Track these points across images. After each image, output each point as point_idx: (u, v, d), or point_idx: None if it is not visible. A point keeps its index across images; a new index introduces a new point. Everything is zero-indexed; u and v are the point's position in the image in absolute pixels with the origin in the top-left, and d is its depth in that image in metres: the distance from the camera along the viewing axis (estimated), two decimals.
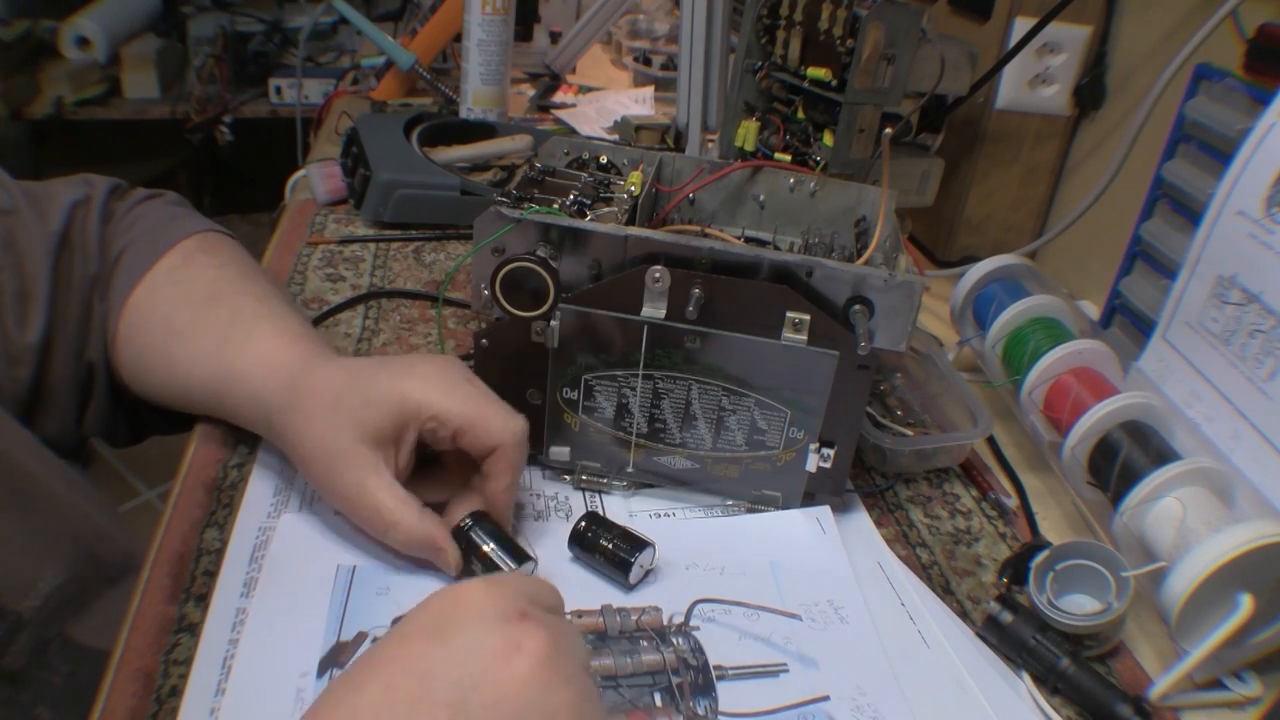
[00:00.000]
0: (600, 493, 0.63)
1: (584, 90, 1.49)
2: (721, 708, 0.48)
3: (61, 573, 0.57)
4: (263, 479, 0.60)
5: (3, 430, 0.58)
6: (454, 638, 0.37)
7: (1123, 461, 0.60)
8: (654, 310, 0.55)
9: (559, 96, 1.45)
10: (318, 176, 1.04)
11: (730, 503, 0.62)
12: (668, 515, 0.61)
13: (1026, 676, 0.53)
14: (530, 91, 1.46)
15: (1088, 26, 0.91)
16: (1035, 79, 0.93)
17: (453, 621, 0.38)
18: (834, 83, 0.76)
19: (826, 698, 0.49)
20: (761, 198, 0.70)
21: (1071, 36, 0.91)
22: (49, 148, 2.26)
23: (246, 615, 0.50)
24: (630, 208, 0.61)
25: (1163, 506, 0.55)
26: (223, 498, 0.59)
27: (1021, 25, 0.88)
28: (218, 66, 2.23)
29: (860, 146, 0.77)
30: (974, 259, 0.82)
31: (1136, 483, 0.57)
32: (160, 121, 2.21)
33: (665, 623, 0.52)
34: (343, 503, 0.54)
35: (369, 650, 0.38)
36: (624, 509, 0.61)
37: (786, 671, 0.51)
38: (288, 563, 0.53)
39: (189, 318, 0.62)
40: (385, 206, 0.96)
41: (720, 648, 0.51)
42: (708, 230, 0.69)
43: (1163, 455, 0.59)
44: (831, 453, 0.59)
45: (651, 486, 0.63)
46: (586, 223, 0.57)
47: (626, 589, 0.54)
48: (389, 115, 1.16)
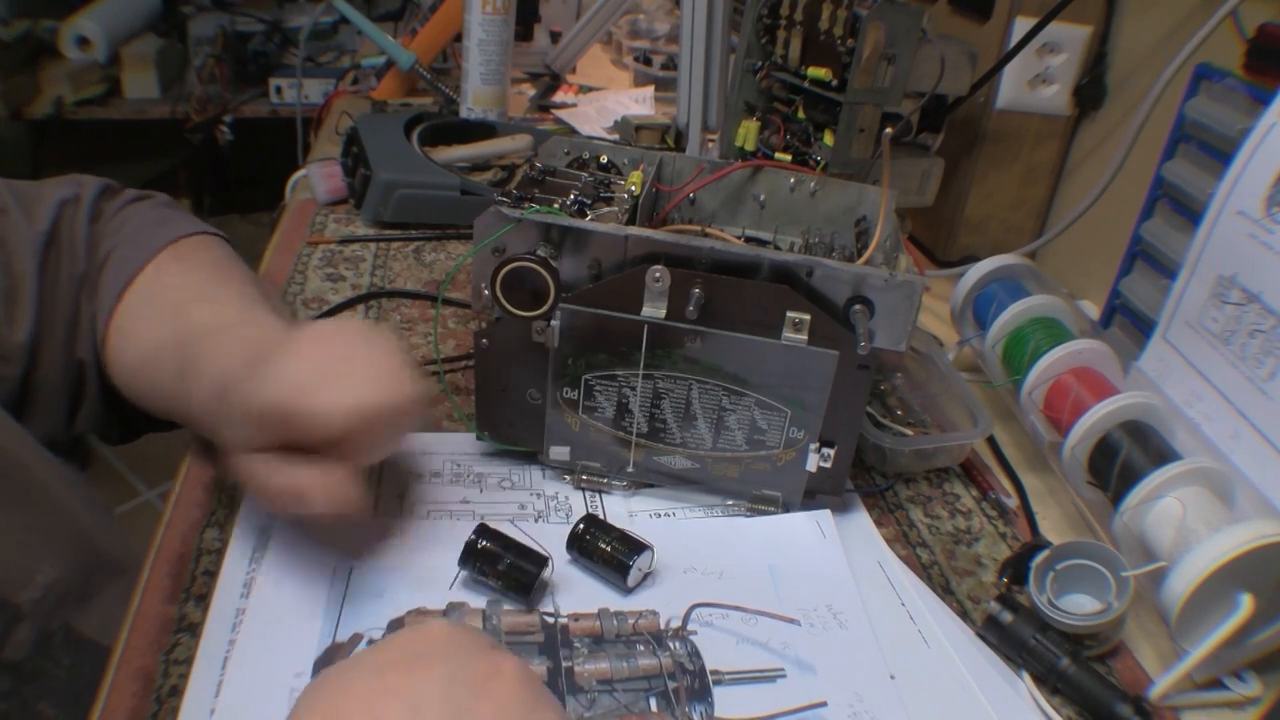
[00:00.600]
0: (600, 492, 0.63)
1: (584, 90, 1.49)
2: (718, 713, 0.48)
3: (59, 566, 0.57)
4: None
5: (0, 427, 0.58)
6: (434, 666, 0.37)
7: (1123, 461, 0.60)
8: (654, 310, 0.55)
9: (559, 96, 1.45)
10: (318, 176, 1.04)
11: (730, 502, 0.62)
12: (668, 515, 0.61)
13: (1026, 676, 0.53)
14: (530, 91, 1.46)
15: (1088, 26, 0.91)
16: (1035, 79, 0.93)
17: (428, 653, 0.38)
18: (834, 83, 0.76)
19: (824, 703, 0.49)
20: (762, 197, 0.70)
21: (1071, 36, 0.91)
22: (49, 148, 2.26)
23: (245, 617, 0.50)
24: (630, 208, 0.61)
25: (1163, 506, 0.55)
26: (223, 498, 0.59)
27: (1021, 25, 0.88)
28: (218, 66, 2.23)
29: (860, 146, 0.77)
30: (974, 259, 0.82)
31: (1136, 482, 0.57)
32: (160, 121, 2.21)
33: (662, 626, 0.52)
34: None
35: (335, 679, 0.37)
36: (624, 509, 0.61)
37: (784, 677, 0.50)
38: (286, 563, 0.53)
39: (156, 339, 0.62)
40: (385, 206, 0.96)
41: (717, 652, 0.51)
42: (708, 230, 0.69)
43: (1163, 455, 0.59)
44: (831, 452, 0.59)
45: (651, 486, 0.63)
46: (586, 223, 0.57)
47: (624, 592, 0.54)
48: (389, 115, 1.16)
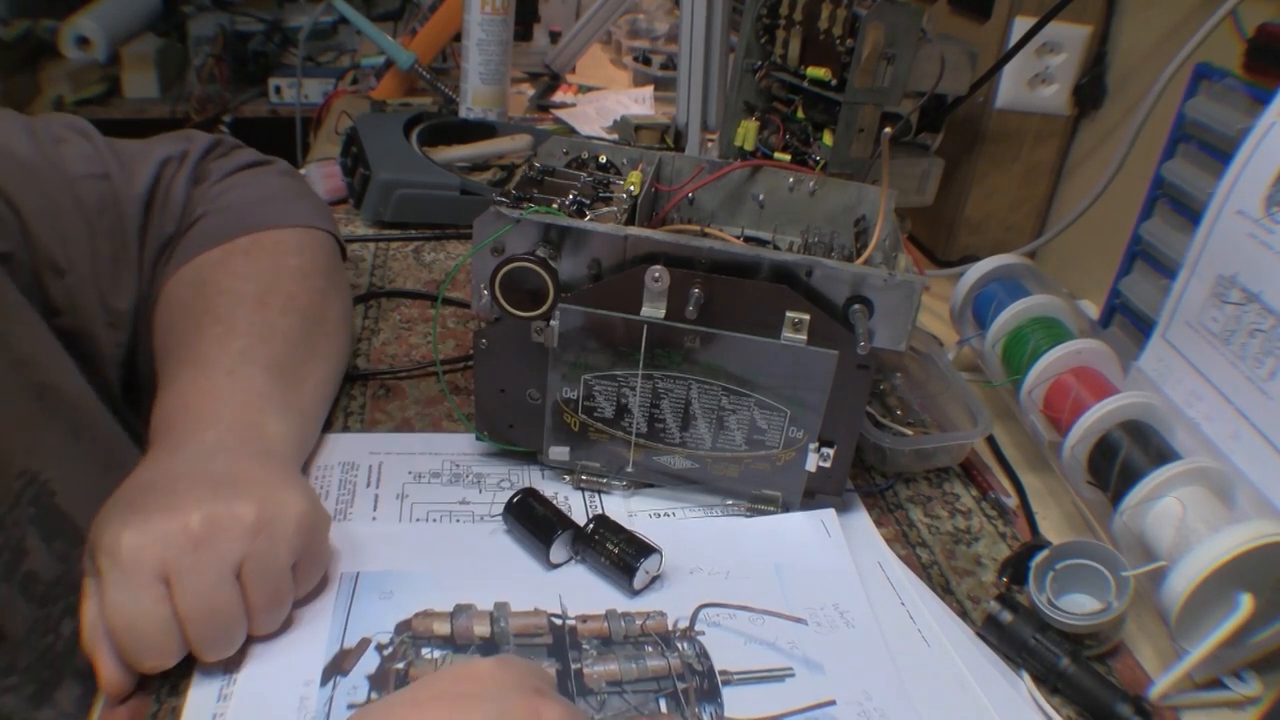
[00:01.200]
0: (600, 492, 0.63)
1: (584, 90, 1.49)
2: (727, 713, 0.48)
3: None
4: None
5: (95, 404, 0.61)
6: (476, 706, 0.37)
7: (1123, 461, 0.60)
8: (654, 310, 0.55)
9: (559, 96, 1.45)
10: (317, 176, 1.04)
11: (730, 502, 0.62)
12: (668, 515, 0.61)
13: (1026, 676, 0.53)
14: (530, 91, 1.46)
15: (1088, 26, 0.91)
16: (1035, 78, 0.93)
17: (472, 691, 0.38)
18: (834, 82, 0.76)
19: (833, 702, 0.49)
20: (761, 197, 0.70)
21: (1071, 36, 0.91)
22: None
23: None
24: (630, 207, 0.61)
25: (1163, 506, 0.55)
26: None
27: (1021, 25, 0.88)
28: (218, 66, 2.23)
29: (860, 146, 0.77)
30: (974, 258, 0.82)
31: (1136, 482, 0.57)
32: (160, 121, 2.21)
33: (670, 628, 0.52)
34: None
35: (381, 710, 0.38)
36: (624, 509, 0.61)
37: (792, 676, 0.50)
38: None
39: (168, 332, 0.62)
40: (385, 206, 0.96)
41: (725, 652, 0.51)
42: (707, 230, 0.69)
43: (1163, 455, 0.59)
44: (831, 452, 0.59)
45: (651, 486, 0.63)
46: (586, 222, 0.57)
47: (630, 593, 0.54)
48: (389, 115, 1.16)
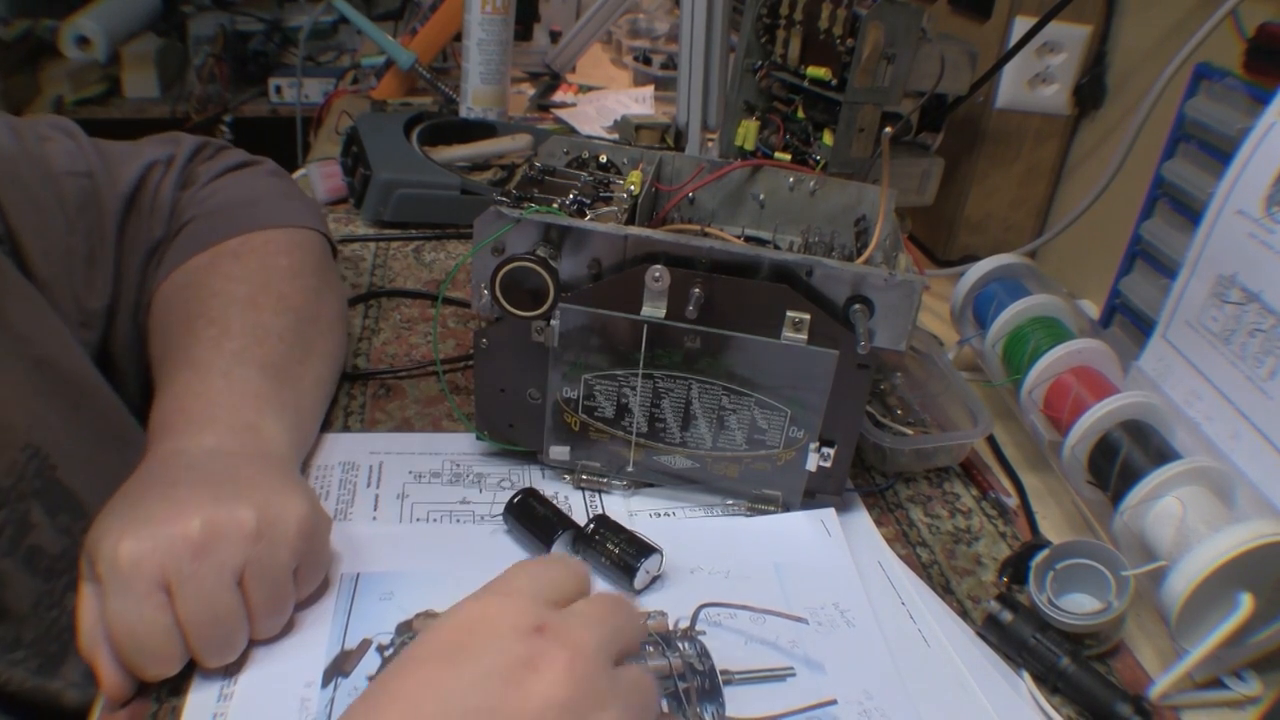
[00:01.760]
0: (600, 492, 0.63)
1: (584, 89, 1.49)
2: (728, 713, 0.48)
3: None
4: None
5: (96, 379, 0.61)
6: (468, 661, 0.37)
7: (1123, 461, 0.60)
8: (654, 310, 0.55)
9: (559, 96, 1.45)
10: (318, 176, 1.04)
11: (730, 502, 0.62)
12: (668, 515, 0.61)
13: (1027, 676, 0.53)
14: (530, 91, 1.46)
15: (1088, 26, 0.91)
16: (1035, 78, 0.93)
17: (467, 644, 0.37)
18: (834, 82, 0.76)
19: (834, 701, 0.49)
20: (761, 197, 0.70)
21: (1071, 36, 0.91)
22: None
23: None
24: (630, 207, 0.61)
25: (1163, 506, 0.55)
26: None
27: (1021, 25, 0.88)
28: (218, 66, 2.23)
29: (860, 146, 0.77)
30: (974, 258, 0.82)
31: (1136, 482, 0.57)
32: (160, 121, 2.21)
33: (671, 627, 0.52)
34: None
35: (385, 674, 0.38)
36: (624, 509, 0.61)
37: (793, 675, 0.50)
38: None
39: (163, 336, 0.62)
40: (385, 206, 0.96)
41: (726, 652, 0.51)
42: (707, 230, 0.69)
43: (1163, 455, 0.59)
44: (831, 452, 0.59)
45: (651, 486, 0.63)
46: (586, 222, 0.57)
47: (632, 594, 0.54)
48: (389, 114, 1.16)
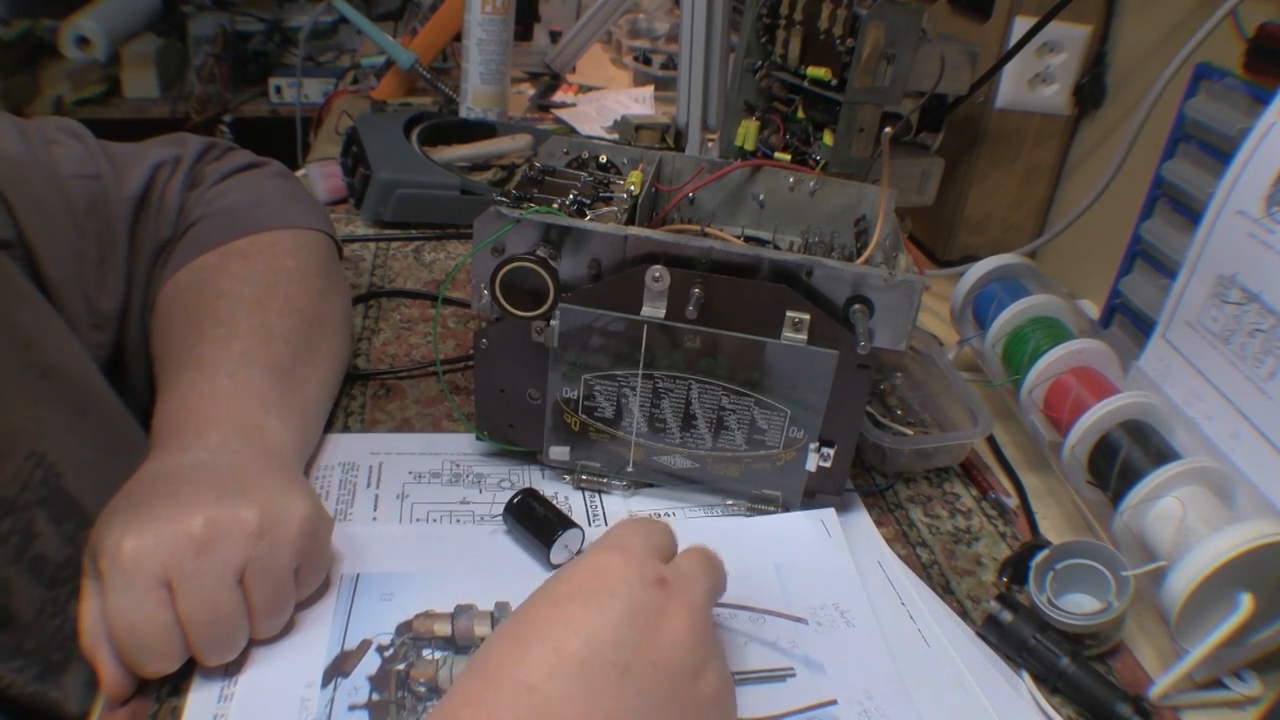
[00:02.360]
0: (600, 492, 0.63)
1: (584, 90, 1.49)
2: None
3: None
4: None
5: (102, 386, 0.61)
6: (608, 603, 0.40)
7: (1123, 461, 0.60)
8: (654, 310, 0.55)
9: (559, 96, 1.45)
10: (318, 176, 1.04)
11: (730, 502, 0.62)
12: (668, 515, 0.61)
13: (1026, 676, 0.53)
14: (530, 91, 1.46)
15: (1088, 26, 0.91)
16: (1035, 78, 0.93)
17: (601, 589, 0.41)
18: (834, 82, 0.76)
19: (834, 701, 0.49)
20: (761, 197, 0.70)
21: (1071, 36, 0.91)
22: None
23: None
24: (630, 207, 0.61)
25: (1163, 506, 0.55)
26: None
27: (1021, 25, 0.88)
28: (218, 66, 2.23)
29: (860, 146, 0.77)
30: (974, 258, 0.82)
31: (1136, 482, 0.57)
32: (160, 121, 2.21)
33: None
34: None
35: (520, 613, 0.41)
36: (624, 509, 0.61)
37: (793, 676, 0.50)
38: None
39: (167, 337, 0.62)
40: (385, 206, 0.96)
41: (726, 652, 0.51)
42: (707, 230, 0.69)
43: (1163, 455, 0.59)
44: (831, 452, 0.59)
45: (651, 486, 0.63)
46: (586, 222, 0.57)
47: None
48: (389, 115, 1.16)
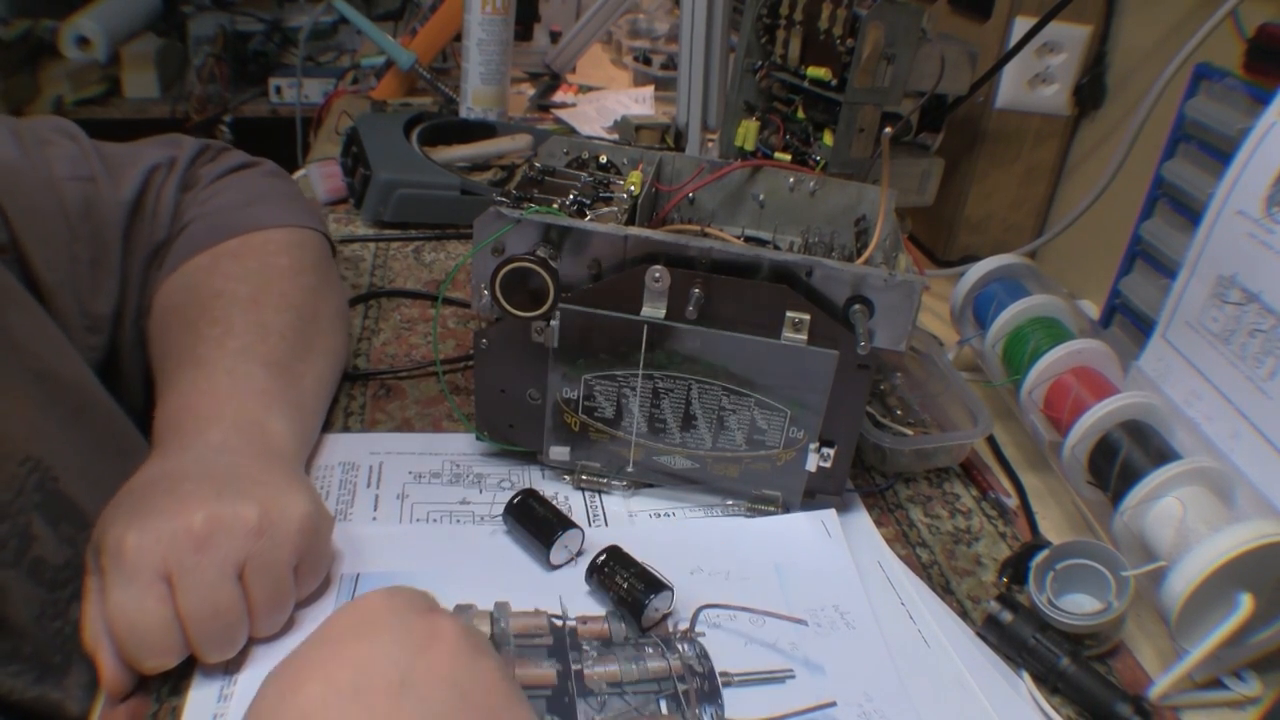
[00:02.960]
0: (600, 492, 0.63)
1: (584, 90, 1.49)
2: (728, 714, 0.48)
3: None
4: None
5: (96, 388, 0.61)
6: (378, 633, 0.39)
7: (1123, 461, 0.60)
8: (654, 310, 0.55)
9: (559, 96, 1.45)
10: (318, 176, 1.04)
11: (730, 502, 0.62)
12: (668, 515, 0.61)
13: (1026, 676, 0.53)
14: (530, 91, 1.46)
15: (1088, 26, 0.91)
16: (1035, 78, 0.93)
17: (371, 622, 0.40)
18: (834, 82, 0.76)
19: (833, 703, 0.49)
20: (761, 197, 0.70)
21: (1071, 36, 0.91)
22: None
23: None
24: (630, 207, 0.61)
25: (1163, 506, 0.55)
26: None
27: (1021, 25, 0.88)
28: (218, 66, 2.23)
29: (860, 146, 0.77)
30: (974, 258, 0.82)
31: (1136, 482, 0.57)
32: (160, 121, 2.21)
33: (671, 629, 0.52)
34: None
35: (289, 658, 0.39)
36: (624, 509, 0.61)
37: (793, 677, 0.50)
38: None
39: (165, 337, 0.62)
40: (385, 206, 0.96)
41: (726, 654, 0.51)
42: (707, 230, 0.69)
43: (1163, 455, 0.59)
44: (831, 452, 0.59)
45: (651, 486, 0.63)
46: (586, 223, 0.57)
47: (637, 632, 0.52)
48: (389, 115, 1.16)
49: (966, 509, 0.66)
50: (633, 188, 0.64)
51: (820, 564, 0.58)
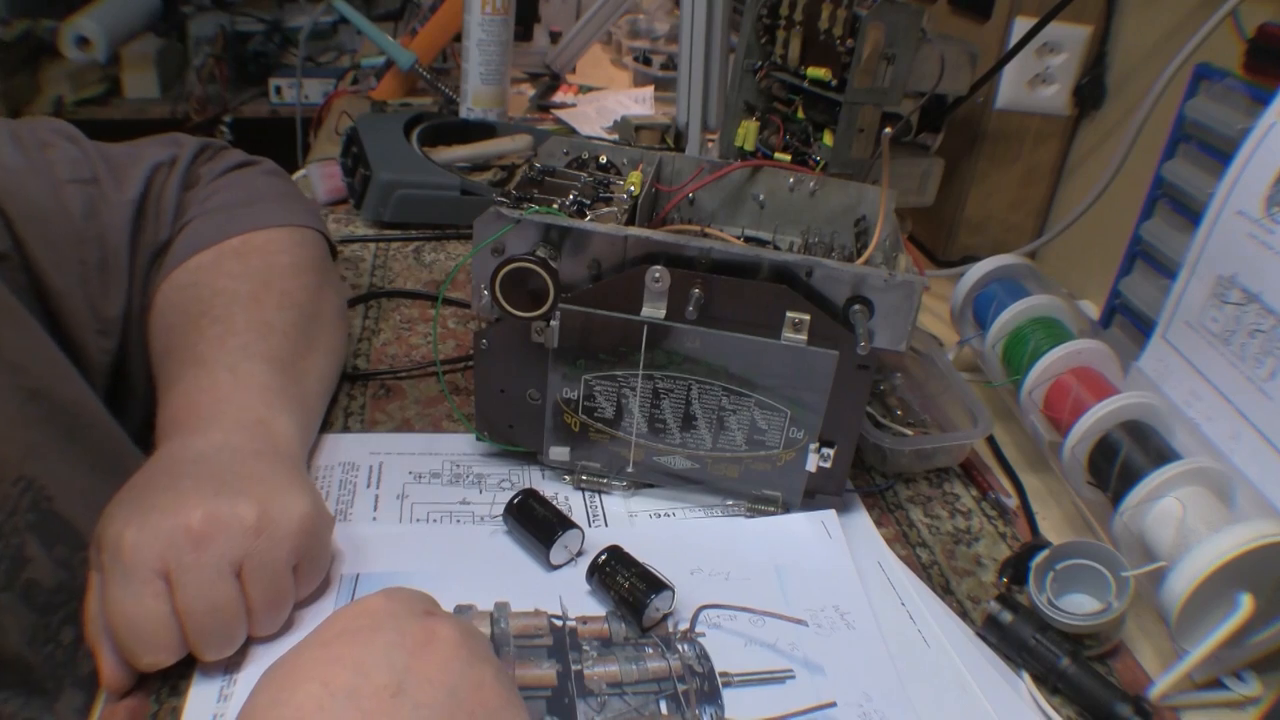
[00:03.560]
0: (600, 493, 0.63)
1: (584, 90, 1.49)
2: (727, 715, 0.48)
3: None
4: None
5: (93, 406, 0.60)
6: (375, 635, 0.39)
7: (1123, 461, 0.60)
8: (654, 310, 0.55)
9: (559, 96, 1.45)
10: (318, 176, 1.04)
11: (730, 503, 0.62)
12: (668, 515, 0.61)
13: (1026, 676, 0.53)
14: (530, 91, 1.46)
15: (1088, 26, 0.91)
16: (1035, 79, 0.93)
17: (368, 624, 0.40)
18: (834, 83, 0.76)
19: (833, 704, 0.49)
20: (761, 197, 0.70)
21: (1071, 36, 0.91)
22: None
23: None
24: (630, 208, 0.61)
25: (1163, 506, 0.55)
26: None
27: (1021, 25, 0.88)
28: (218, 66, 2.23)
29: (860, 146, 0.77)
30: (974, 259, 0.82)
31: (1136, 482, 0.57)
32: (160, 121, 2.21)
33: (671, 629, 0.52)
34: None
35: (286, 658, 0.39)
36: (624, 509, 0.61)
37: (793, 678, 0.50)
38: None
39: (165, 337, 0.62)
40: (385, 206, 0.96)
41: (726, 654, 0.51)
42: (707, 230, 0.69)
43: (1163, 455, 0.59)
44: (831, 452, 0.59)
45: (651, 486, 0.63)
46: (586, 223, 0.57)
47: (638, 633, 0.52)
48: (389, 115, 1.16)
49: (966, 509, 0.66)
50: (633, 188, 0.64)
51: (820, 564, 0.58)
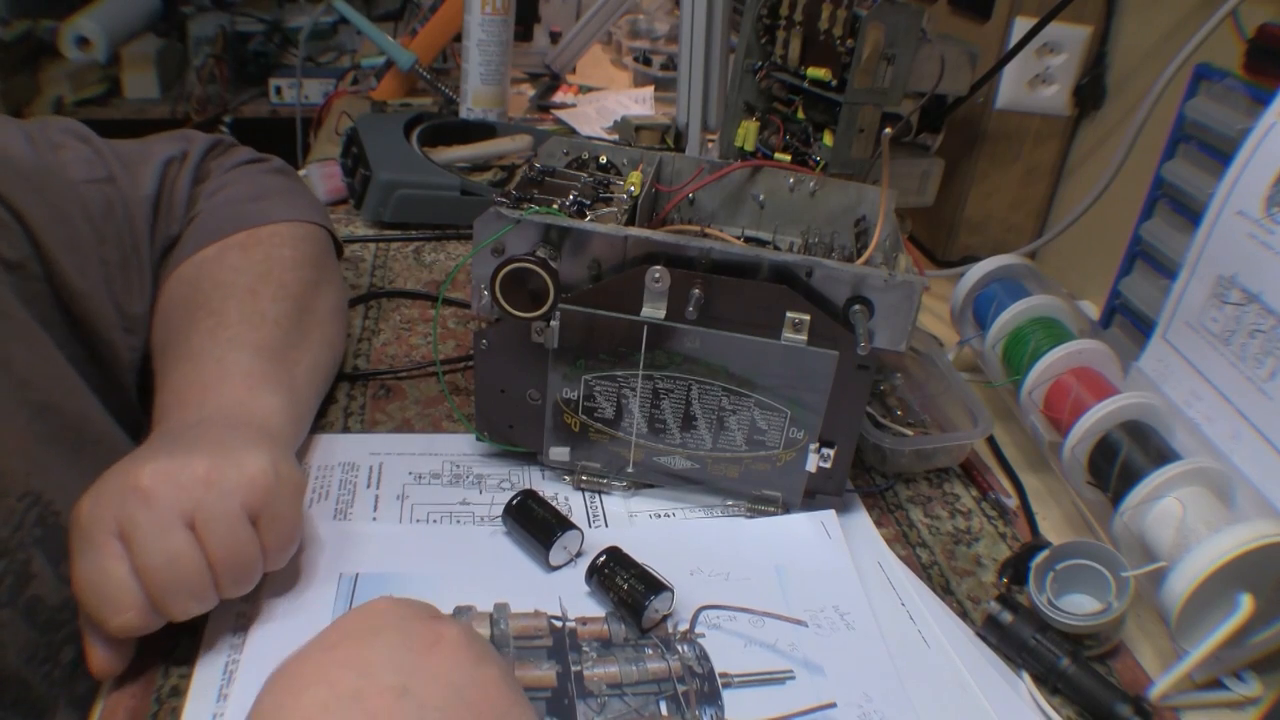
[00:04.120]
0: (600, 493, 0.63)
1: (584, 90, 1.49)
2: (727, 715, 0.48)
3: None
4: None
5: (101, 420, 0.60)
6: (379, 637, 0.39)
7: (1123, 461, 0.60)
8: (654, 310, 0.55)
9: (559, 96, 1.45)
10: (318, 176, 1.04)
11: (730, 503, 0.62)
12: (668, 515, 0.61)
13: (1026, 676, 0.53)
14: (530, 91, 1.46)
15: (1088, 26, 0.91)
16: (1035, 79, 0.93)
17: (374, 627, 0.40)
18: (834, 83, 0.76)
19: (833, 704, 0.49)
20: (761, 198, 0.70)
21: (1071, 36, 0.91)
22: None
23: (249, 621, 0.50)
24: (630, 208, 0.61)
25: (1163, 506, 0.55)
26: None
27: (1021, 25, 0.88)
28: (218, 66, 2.23)
29: (860, 146, 0.77)
30: (974, 259, 0.82)
31: (1136, 483, 0.57)
32: (160, 121, 2.21)
33: (670, 630, 0.52)
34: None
35: (291, 662, 0.39)
36: (624, 509, 0.61)
37: (793, 678, 0.50)
38: (289, 570, 0.53)
39: (164, 330, 0.62)
40: (385, 206, 0.96)
41: (726, 655, 0.51)
42: (707, 230, 0.69)
43: (1163, 455, 0.59)
44: (831, 453, 0.59)
45: (651, 487, 0.63)
46: (586, 223, 0.57)
47: (638, 635, 0.52)
48: (389, 115, 1.16)
49: (966, 509, 0.66)
50: (633, 188, 0.64)
51: (820, 565, 0.58)
